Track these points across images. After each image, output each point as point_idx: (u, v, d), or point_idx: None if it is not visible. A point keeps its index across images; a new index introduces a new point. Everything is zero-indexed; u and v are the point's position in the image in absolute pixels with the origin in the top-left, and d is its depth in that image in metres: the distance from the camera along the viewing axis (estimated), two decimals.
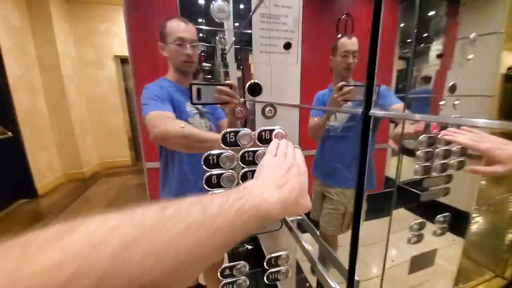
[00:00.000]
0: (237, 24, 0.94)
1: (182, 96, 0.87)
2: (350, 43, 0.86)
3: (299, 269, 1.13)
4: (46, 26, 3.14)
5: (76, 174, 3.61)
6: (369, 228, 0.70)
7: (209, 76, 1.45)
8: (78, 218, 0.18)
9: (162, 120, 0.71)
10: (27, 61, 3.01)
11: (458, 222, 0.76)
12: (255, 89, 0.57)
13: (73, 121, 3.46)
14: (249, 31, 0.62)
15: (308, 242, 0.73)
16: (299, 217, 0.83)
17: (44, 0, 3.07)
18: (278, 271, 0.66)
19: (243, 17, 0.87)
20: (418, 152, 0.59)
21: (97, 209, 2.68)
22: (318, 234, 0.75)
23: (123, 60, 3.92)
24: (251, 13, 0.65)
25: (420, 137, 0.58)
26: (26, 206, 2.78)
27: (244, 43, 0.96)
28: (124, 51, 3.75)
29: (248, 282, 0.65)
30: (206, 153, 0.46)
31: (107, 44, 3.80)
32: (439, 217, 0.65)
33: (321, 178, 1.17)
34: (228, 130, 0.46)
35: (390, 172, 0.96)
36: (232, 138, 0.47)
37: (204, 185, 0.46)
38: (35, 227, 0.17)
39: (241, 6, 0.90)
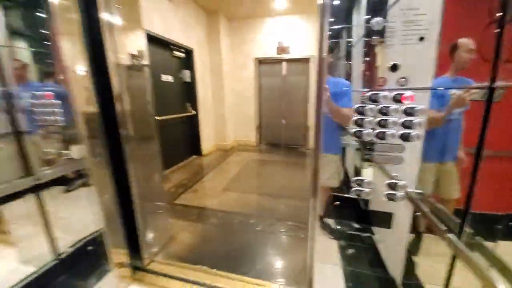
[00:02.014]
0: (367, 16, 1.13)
1: None
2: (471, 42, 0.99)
3: None
4: (216, 39, 4.47)
5: (222, 146, 4.97)
6: None
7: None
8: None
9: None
10: (204, 65, 4.44)
11: None
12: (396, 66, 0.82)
13: (225, 107, 4.77)
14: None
15: None
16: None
17: (216, 20, 4.38)
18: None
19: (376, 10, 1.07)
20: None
21: (233, 170, 3.69)
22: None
23: (260, 61, 4.88)
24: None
25: None
26: (196, 160, 4.24)
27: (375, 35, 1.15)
28: (262, 54, 4.69)
29: None
30: None
31: (252, 49, 4.85)
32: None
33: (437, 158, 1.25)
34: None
35: None
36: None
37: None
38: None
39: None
